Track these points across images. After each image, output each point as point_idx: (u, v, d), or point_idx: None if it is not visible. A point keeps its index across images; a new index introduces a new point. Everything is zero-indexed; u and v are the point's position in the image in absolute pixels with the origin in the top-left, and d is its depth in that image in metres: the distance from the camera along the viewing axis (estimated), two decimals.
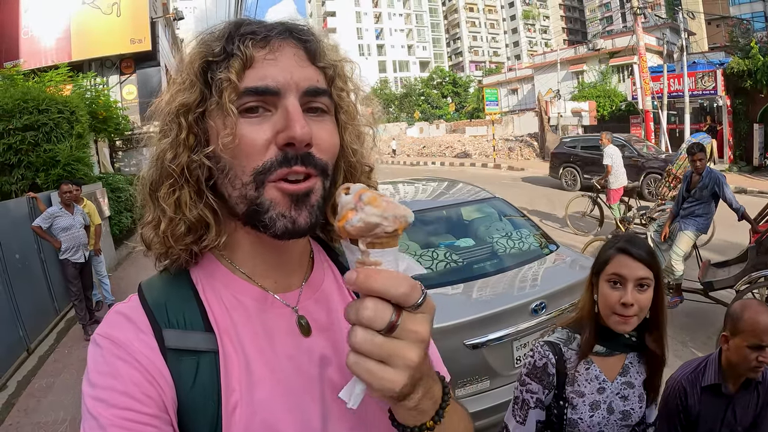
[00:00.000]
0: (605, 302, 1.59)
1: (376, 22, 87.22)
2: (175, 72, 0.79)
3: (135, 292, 0.79)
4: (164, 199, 0.74)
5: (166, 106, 0.75)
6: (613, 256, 1.60)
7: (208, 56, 0.73)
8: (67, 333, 6.72)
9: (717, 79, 19.01)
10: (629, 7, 18.47)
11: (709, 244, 7.31)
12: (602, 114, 27.20)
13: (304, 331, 0.78)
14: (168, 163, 0.73)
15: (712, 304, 5.11)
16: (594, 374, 1.63)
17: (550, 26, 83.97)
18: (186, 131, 0.73)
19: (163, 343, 0.69)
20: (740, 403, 1.89)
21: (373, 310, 0.53)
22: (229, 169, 0.72)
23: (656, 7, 43.70)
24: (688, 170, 5.54)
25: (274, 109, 0.71)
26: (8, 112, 8.90)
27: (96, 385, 0.65)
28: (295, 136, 0.68)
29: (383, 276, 0.54)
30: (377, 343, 0.54)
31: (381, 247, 0.55)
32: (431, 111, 60.06)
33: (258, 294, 0.79)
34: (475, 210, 4.62)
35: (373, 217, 0.54)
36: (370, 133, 0.89)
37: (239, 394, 0.70)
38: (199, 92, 0.73)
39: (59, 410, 4.40)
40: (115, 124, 13.42)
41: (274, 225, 0.71)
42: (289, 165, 0.70)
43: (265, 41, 0.72)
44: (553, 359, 1.63)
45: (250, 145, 0.69)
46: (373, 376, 0.54)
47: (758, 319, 1.78)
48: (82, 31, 16.93)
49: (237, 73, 0.69)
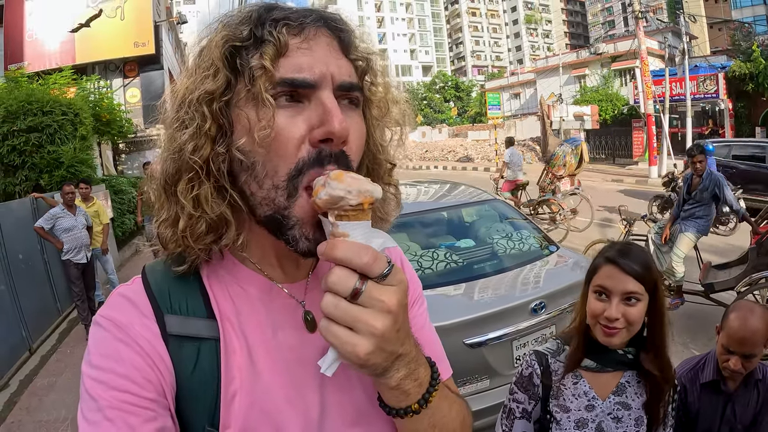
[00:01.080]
0: (590, 312, 1.50)
1: (378, 27, 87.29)
2: (190, 58, 0.73)
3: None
4: (183, 195, 0.69)
5: (186, 93, 0.69)
6: (600, 265, 1.51)
7: (234, 41, 0.68)
8: (69, 333, 6.74)
9: (719, 83, 19.06)
10: (631, 12, 18.48)
11: (710, 246, 7.31)
12: (604, 118, 27.19)
13: (310, 327, 0.78)
14: (189, 155, 0.68)
15: (713, 306, 5.10)
16: (582, 390, 1.53)
17: (552, 30, 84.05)
18: (210, 121, 0.67)
19: (164, 329, 0.69)
20: (740, 401, 1.88)
21: (338, 276, 0.56)
22: (258, 166, 0.67)
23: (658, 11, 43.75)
24: (688, 172, 5.55)
25: (307, 102, 0.67)
26: (13, 113, 8.98)
27: (97, 366, 0.65)
28: (334, 131, 0.65)
29: (345, 245, 0.57)
30: (342, 307, 0.56)
31: (349, 219, 0.59)
32: (434, 115, 60.10)
33: (264, 284, 0.77)
34: (475, 211, 4.63)
35: (337, 190, 0.58)
36: (397, 130, 0.85)
37: (239, 383, 0.69)
38: (225, 79, 0.68)
39: (61, 409, 4.42)
40: (119, 127, 13.51)
41: (297, 244, 0.68)
42: (321, 165, 0.66)
43: (299, 28, 0.68)
44: (539, 369, 1.56)
45: (286, 139, 0.66)
46: (339, 341, 0.57)
47: (738, 325, 1.76)
48: (86, 35, 17.04)
49: (271, 60, 0.65)
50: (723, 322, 1.86)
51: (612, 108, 27.99)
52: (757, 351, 1.75)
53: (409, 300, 0.93)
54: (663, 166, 17.82)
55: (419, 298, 0.96)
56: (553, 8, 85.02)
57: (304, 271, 0.82)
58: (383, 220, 0.85)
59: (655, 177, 17.55)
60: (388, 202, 0.85)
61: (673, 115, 20.67)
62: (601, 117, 27.13)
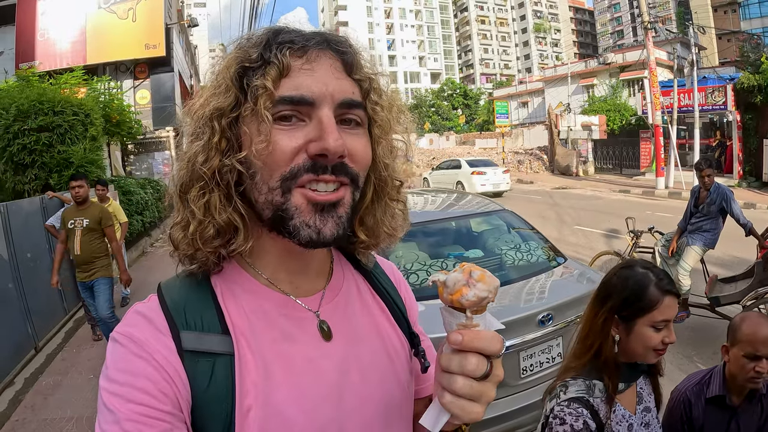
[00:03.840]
0: (646, 344, 1.46)
1: (388, 33, 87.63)
2: (207, 75, 0.79)
3: (150, 292, 0.80)
4: (194, 202, 0.74)
5: (200, 108, 0.75)
6: (661, 299, 1.47)
7: (244, 62, 0.73)
8: (75, 333, 6.76)
9: (727, 94, 18.96)
10: (640, 22, 18.48)
11: (717, 260, 7.29)
12: (612, 128, 27.18)
13: (326, 336, 0.79)
14: (199, 165, 0.73)
15: (718, 319, 5.09)
16: (621, 414, 1.50)
17: (561, 40, 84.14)
18: (219, 135, 0.73)
19: (180, 345, 0.70)
20: (744, 416, 1.89)
21: (476, 364, 0.62)
22: (257, 175, 0.72)
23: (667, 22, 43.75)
24: (696, 186, 5.54)
25: (308, 120, 0.72)
26: (24, 112, 9.02)
27: (114, 380, 0.67)
28: (328, 147, 0.69)
29: (484, 337, 0.63)
30: (474, 387, 0.63)
31: (480, 312, 0.65)
32: (441, 122, 60.17)
33: (279, 299, 0.79)
34: (484, 222, 4.63)
35: (483, 291, 0.63)
36: (402, 147, 0.89)
37: (254, 397, 0.71)
38: (234, 97, 0.73)
39: (66, 408, 4.43)
40: (128, 128, 13.57)
41: (299, 233, 0.72)
42: (316, 173, 0.71)
43: (302, 50, 0.73)
44: (589, 415, 1.43)
45: (281, 152, 0.70)
46: (464, 412, 0.63)
47: (755, 329, 1.80)
48: (97, 35, 17.16)
49: (273, 80, 0.70)
50: (735, 336, 1.87)
51: (620, 118, 27.98)
52: None
53: (414, 318, 0.98)
54: (670, 177, 17.79)
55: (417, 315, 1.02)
56: (562, 17, 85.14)
57: (317, 285, 0.85)
58: (391, 236, 0.90)
59: (662, 188, 17.52)
60: (396, 218, 0.89)
61: (680, 126, 20.64)
62: (608, 127, 27.14)
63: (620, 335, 1.51)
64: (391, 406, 0.83)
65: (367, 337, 0.85)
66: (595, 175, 24.80)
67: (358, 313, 0.87)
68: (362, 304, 0.89)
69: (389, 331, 0.89)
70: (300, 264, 0.81)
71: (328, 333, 0.80)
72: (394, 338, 0.89)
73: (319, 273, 0.86)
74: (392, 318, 0.91)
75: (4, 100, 9.32)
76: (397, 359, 0.87)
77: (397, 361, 0.87)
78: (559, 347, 3.25)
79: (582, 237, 10.63)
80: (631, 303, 1.49)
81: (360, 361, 0.81)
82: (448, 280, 0.65)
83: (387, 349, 0.86)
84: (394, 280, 1.00)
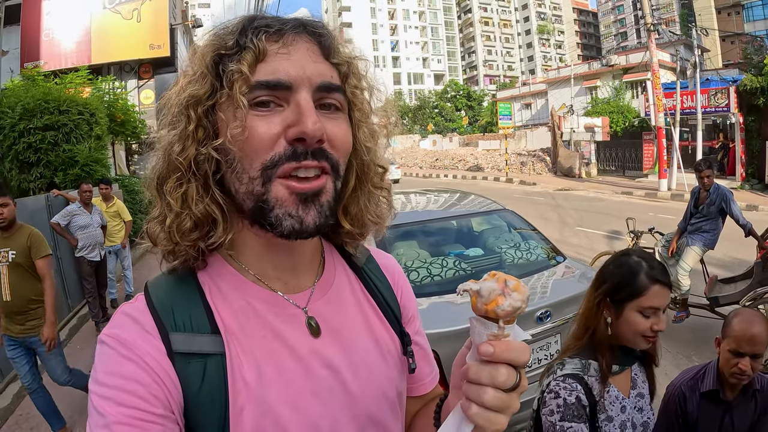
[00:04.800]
0: (636, 330, 1.52)
1: (391, 35, 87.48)
2: (185, 64, 0.77)
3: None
4: (170, 193, 0.73)
5: (175, 97, 0.74)
6: (648, 286, 1.52)
7: (220, 49, 0.72)
8: (79, 330, 6.80)
9: (730, 96, 18.91)
10: (643, 24, 18.47)
11: (716, 260, 7.30)
12: (615, 130, 27.14)
13: (314, 332, 0.78)
14: (176, 155, 0.72)
15: (717, 320, 5.10)
16: (614, 395, 1.56)
17: (564, 41, 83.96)
18: (195, 123, 0.72)
19: (170, 347, 0.69)
20: (738, 410, 1.91)
21: (507, 376, 0.61)
22: (236, 163, 0.71)
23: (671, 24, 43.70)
24: (696, 187, 5.57)
25: (286, 104, 0.70)
26: (30, 111, 9.11)
27: (103, 383, 0.66)
28: (306, 131, 0.68)
29: (515, 348, 0.62)
30: (503, 399, 0.61)
31: (511, 323, 0.64)
32: (445, 124, 60.04)
33: (267, 296, 0.78)
34: (485, 221, 4.67)
35: (518, 302, 0.62)
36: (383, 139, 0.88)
37: (246, 396, 0.70)
38: (210, 85, 0.72)
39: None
40: (132, 128, 13.63)
41: (281, 224, 0.71)
42: (298, 159, 0.69)
43: (278, 35, 0.72)
44: (582, 390, 1.50)
45: (259, 138, 0.68)
46: (490, 423, 0.61)
47: (745, 326, 1.83)
48: (102, 35, 17.26)
49: (249, 65, 0.69)
50: (725, 330, 1.92)
51: (623, 120, 27.92)
52: (764, 350, 1.82)
53: (408, 316, 0.97)
54: (673, 179, 17.75)
55: (415, 311, 1.01)
56: (565, 19, 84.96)
57: (307, 280, 0.84)
58: (376, 224, 0.89)
59: (665, 190, 17.49)
60: (380, 206, 0.89)
61: (683, 128, 20.58)
62: (611, 129, 27.07)
63: (612, 319, 1.57)
64: (384, 403, 0.83)
65: (359, 334, 0.84)
66: (597, 177, 24.76)
67: (350, 309, 0.86)
68: (355, 300, 0.88)
69: (381, 329, 0.88)
70: (287, 259, 0.80)
71: (317, 329, 0.79)
72: (386, 336, 0.88)
73: (308, 268, 0.85)
74: (383, 316, 0.90)
75: (9, 99, 9.41)
76: (390, 356, 0.87)
77: (389, 358, 0.86)
78: (557, 344, 3.28)
79: (583, 238, 10.64)
80: (622, 288, 1.55)
81: (351, 357, 0.80)
82: (482, 290, 0.62)
83: (379, 345, 0.86)
84: (390, 276, 0.98)
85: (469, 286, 0.63)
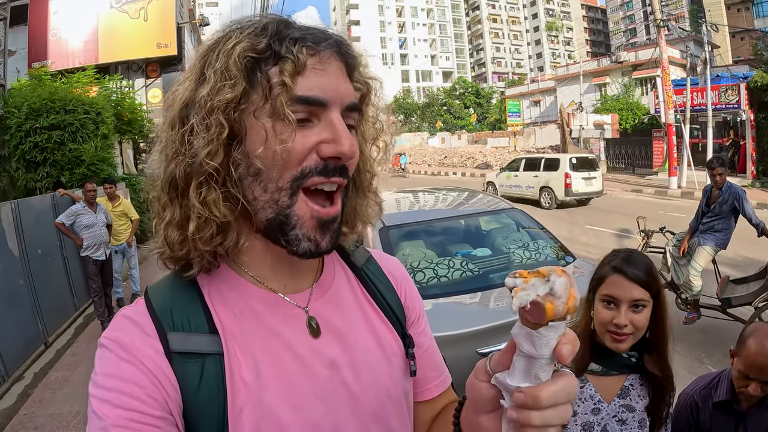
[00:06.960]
0: (599, 320, 1.53)
1: (399, 32, 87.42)
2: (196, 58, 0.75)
3: None
4: (195, 198, 0.71)
5: (206, 97, 0.70)
6: (607, 275, 1.55)
7: (252, 52, 0.70)
8: (85, 329, 6.83)
9: (740, 93, 18.72)
10: (653, 20, 18.29)
11: (729, 260, 7.20)
12: (624, 127, 26.97)
13: (314, 332, 0.78)
14: (204, 159, 0.69)
15: (729, 321, 5.03)
16: (588, 394, 1.55)
17: (573, 38, 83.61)
18: (228, 129, 0.70)
19: (168, 347, 0.69)
20: (752, 422, 1.84)
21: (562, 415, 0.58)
22: (264, 172, 0.70)
23: (680, 20, 43.32)
24: (707, 185, 5.47)
25: (317, 120, 0.72)
26: (36, 110, 9.15)
27: (102, 386, 0.66)
28: (344, 151, 0.71)
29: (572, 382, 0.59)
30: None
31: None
32: (453, 121, 59.94)
33: (267, 297, 0.78)
34: (493, 220, 4.61)
35: (579, 297, 0.55)
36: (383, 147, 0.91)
37: (246, 397, 0.70)
38: (242, 89, 0.70)
39: (74, 403, 4.47)
40: (140, 127, 13.67)
41: (298, 245, 0.73)
42: (327, 176, 0.72)
43: (314, 49, 0.72)
44: None
45: (296, 151, 0.69)
46: None
47: (758, 351, 1.71)
48: (109, 34, 17.31)
49: (291, 77, 0.69)
50: (740, 347, 1.80)
51: (632, 117, 27.76)
52: None
53: (413, 318, 0.95)
54: (683, 177, 17.61)
55: (421, 313, 0.99)
56: (574, 16, 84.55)
57: (306, 281, 0.84)
58: (365, 224, 0.92)
59: (675, 188, 17.35)
60: (372, 208, 0.91)
61: (693, 125, 20.39)
62: (621, 126, 26.92)
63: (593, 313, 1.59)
64: (388, 403, 0.82)
65: (360, 334, 0.84)
66: (607, 175, 24.54)
67: (351, 309, 0.86)
68: (354, 300, 0.88)
69: (383, 329, 0.87)
70: (288, 262, 0.80)
71: (317, 329, 0.78)
72: (389, 336, 0.87)
73: (308, 270, 0.84)
74: (385, 317, 0.89)
75: (16, 98, 9.48)
76: (394, 357, 0.86)
77: (393, 359, 0.85)
78: None
79: (593, 237, 10.55)
80: (593, 280, 1.60)
81: (352, 357, 0.80)
82: (555, 289, 0.52)
83: (382, 345, 0.85)
84: (393, 278, 0.96)
85: (533, 294, 0.54)
